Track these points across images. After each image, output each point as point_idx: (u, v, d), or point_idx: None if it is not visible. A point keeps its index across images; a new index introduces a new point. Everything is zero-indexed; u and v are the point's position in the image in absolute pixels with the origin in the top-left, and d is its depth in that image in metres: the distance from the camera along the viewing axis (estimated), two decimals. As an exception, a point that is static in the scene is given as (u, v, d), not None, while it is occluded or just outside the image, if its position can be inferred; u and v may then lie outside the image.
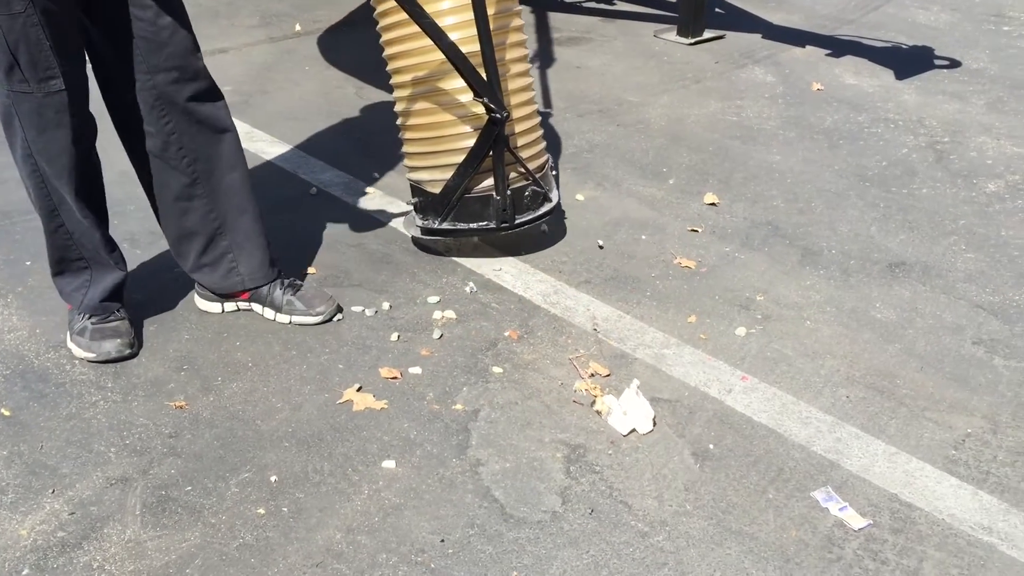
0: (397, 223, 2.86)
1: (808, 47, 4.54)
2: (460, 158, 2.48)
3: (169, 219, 2.34)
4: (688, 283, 2.59)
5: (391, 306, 2.47)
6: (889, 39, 4.64)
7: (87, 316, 2.24)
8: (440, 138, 2.51)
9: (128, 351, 2.23)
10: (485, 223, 2.56)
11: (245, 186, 2.32)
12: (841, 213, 2.96)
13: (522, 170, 2.55)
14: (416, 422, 2.05)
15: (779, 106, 3.84)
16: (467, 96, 2.41)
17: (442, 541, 1.75)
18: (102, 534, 1.75)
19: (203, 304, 2.44)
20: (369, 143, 3.44)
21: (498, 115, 2.36)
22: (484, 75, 2.34)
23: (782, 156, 3.37)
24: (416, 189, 2.61)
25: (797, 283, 2.59)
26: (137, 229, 2.82)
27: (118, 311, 2.28)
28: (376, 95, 3.87)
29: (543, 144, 2.69)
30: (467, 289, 2.54)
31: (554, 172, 2.76)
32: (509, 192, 2.53)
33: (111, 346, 2.21)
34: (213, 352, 2.27)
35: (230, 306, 2.43)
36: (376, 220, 2.90)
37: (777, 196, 3.08)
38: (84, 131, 2.11)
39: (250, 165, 2.39)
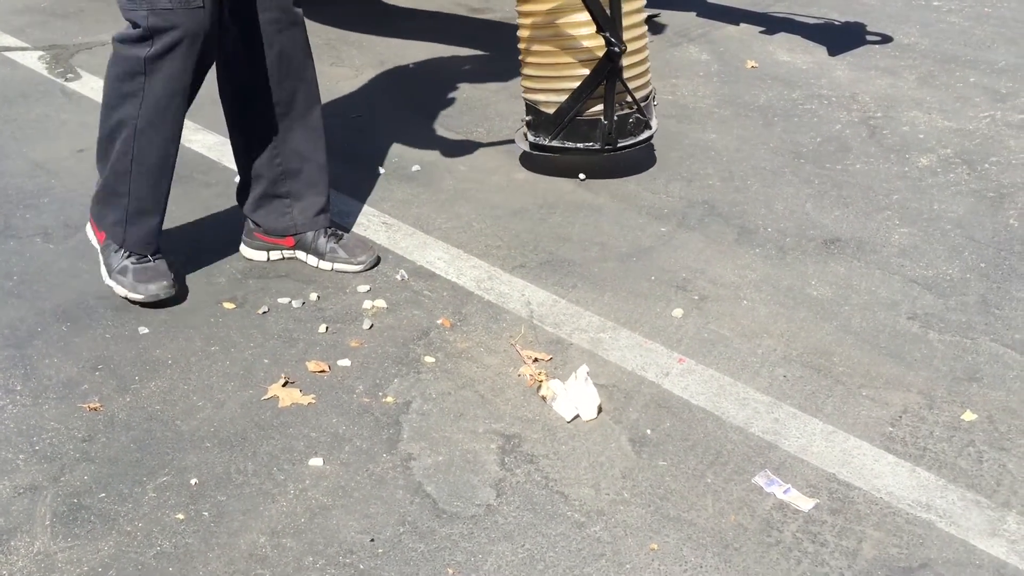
0: (516, 138, 3.04)
1: (742, 24, 4.52)
2: (575, 84, 2.76)
3: (243, 157, 2.46)
4: (624, 265, 2.54)
5: (319, 296, 2.38)
6: (822, 16, 4.64)
7: (126, 255, 2.29)
8: (560, 64, 2.79)
9: (173, 291, 2.30)
10: (591, 144, 2.85)
11: (315, 133, 2.44)
12: (777, 191, 2.94)
13: (629, 99, 2.81)
14: (345, 417, 1.98)
15: (714, 84, 3.81)
16: (590, 29, 2.67)
17: (372, 540, 1.68)
18: (9, 547, 1.64)
19: (248, 252, 2.54)
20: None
21: (616, 49, 2.61)
22: (608, 11, 2.61)
23: (717, 135, 3.35)
24: (531, 108, 2.90)
25: (733, 262, 2.56)
26: (51, 223, 2.68)
27: (158, 251, 2.35)
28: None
29: (649, 75, 2.95)
30: (398, 277, 2.47)
31: (656, 103, 3.02)
32: (616, 118, 2.80)
33: (156, 287, 2.28)
34: (131, 350, 2.17)
35: (275, 254, 2.53)
36: (304, 208, 2.80)
37: (713, 175, 3.05)
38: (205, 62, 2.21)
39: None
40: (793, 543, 1.68)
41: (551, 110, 2.84)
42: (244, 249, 2.55)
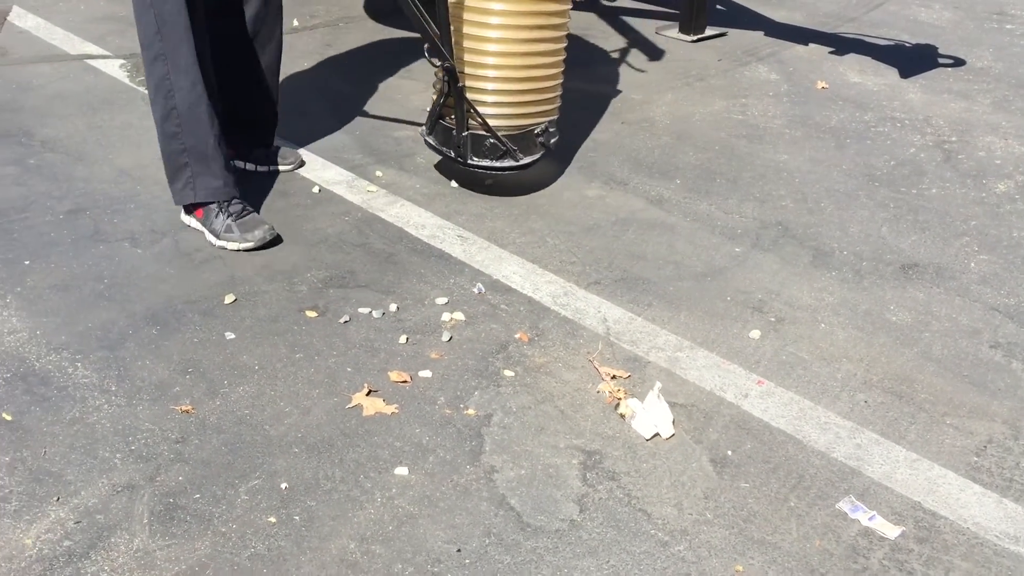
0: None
1: (811, 45, 4.51)
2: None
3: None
4: (699, 284, 2.55)
5: (398, 307, 2.42)
6: (892, 37, 4.61)
7: (226, 216, 2.63)
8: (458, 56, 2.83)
9: (276, 233, 2.66)
10: (448, 150, 2.92)
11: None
12: (851, 213, 2.93)
13: (481, 121, 2.82)
14: (428, 427, 2.01)
15: (784, 104, 3.80)
16: (483, 16, 2.73)
17: (458, 551, 1.71)
18: (109, 543, 1.70)
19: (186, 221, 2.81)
20: (370, 141, 3.39)
21: (447, 65, 2.70)
22: (436, 25, 2.65)
23: (789, 155, 3.34)
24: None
25: (810, 285, 2.55)
26: (138, 228, 2.76)
27: (242, 197, 2.70)
28: (378, 90, 3.82)
29: (533, 110, 2.88)
30: (475, 290, 2.50)
31: (543, 146, 2.94)
32: (467, 134, 2.83)
33: (262, 232, 2.61)
34: (219, 354, 2.22)
35: (192, 222, 2.76)
36: (380, 218, 2.85)
37: (786, 196, 3.04)
38: None
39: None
40: (880, 570, 1.67)
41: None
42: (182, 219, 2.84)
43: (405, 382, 2.15)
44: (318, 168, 3.17)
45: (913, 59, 4.31)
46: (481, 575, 1.66)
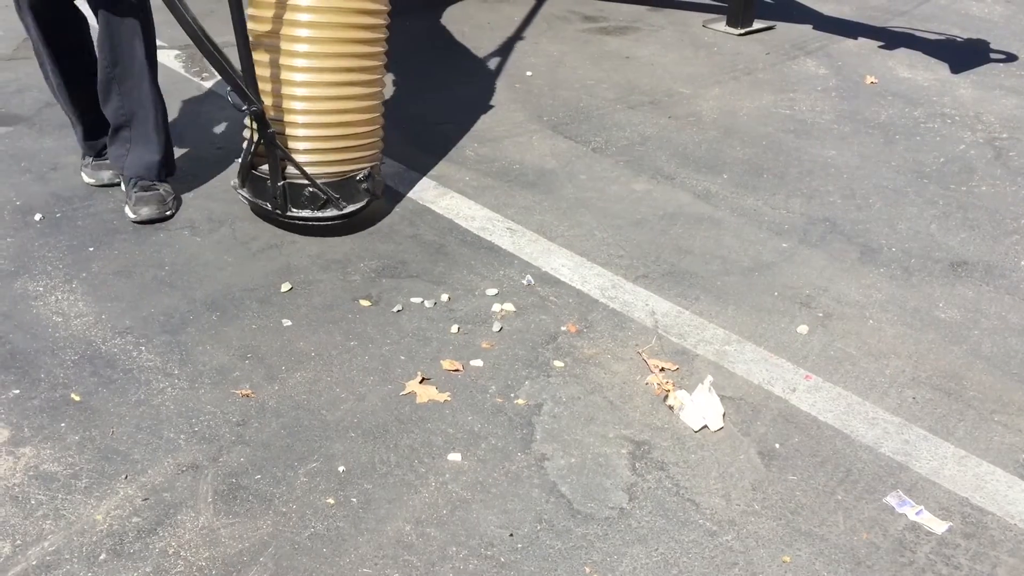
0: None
1: (860, 39, 4.49)
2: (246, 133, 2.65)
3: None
4: (746, 279, 2.57)
5: (450, 298, 2.47)
6: (942, 31, 4.57)
7: (134, 183, 2.83)
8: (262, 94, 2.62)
9: (163, 209, 2.81)
10: (265, 203, 2.69)
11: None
12: (900, 210, 2.93)
13: (299, 168, 2.59)
14: (480, 415, 2.06)
15: (832, 99, 3.79)
16: (290, 58, 2.53)
17: (511, 535, 1.75)
18: (176, 520, 1.77)
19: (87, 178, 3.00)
20: (421, 132, 3.44)
21: (254, 108, 2.46)
22: (239, 63, 2.44)
23: (837, 151, 3.34)
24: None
25: (857, 281, 2.56)
26: (197, 216, 2.84)
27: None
28: (426, 85, 3.87)
29: (353, 155, 2.66)
30: (524, 282, 2.54)
31: (369, 192, 2.70)
32: (283, 183, 2.61)
33: (148, 210, 2.78)
34: (276, 341, 2.28)
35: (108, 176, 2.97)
36: (430, 210, 2.90)
37: (834, 192, 3.05)
38: None
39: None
40: (927, 564, 1.69)
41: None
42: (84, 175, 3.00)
43: (457, 371, 2.20)
44: (369, 159, 3.22)
45: (964, 54, 4.27)
46: (533, 559, 1.70)
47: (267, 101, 2.56)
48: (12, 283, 2.47)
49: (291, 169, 2.61)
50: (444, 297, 2.47)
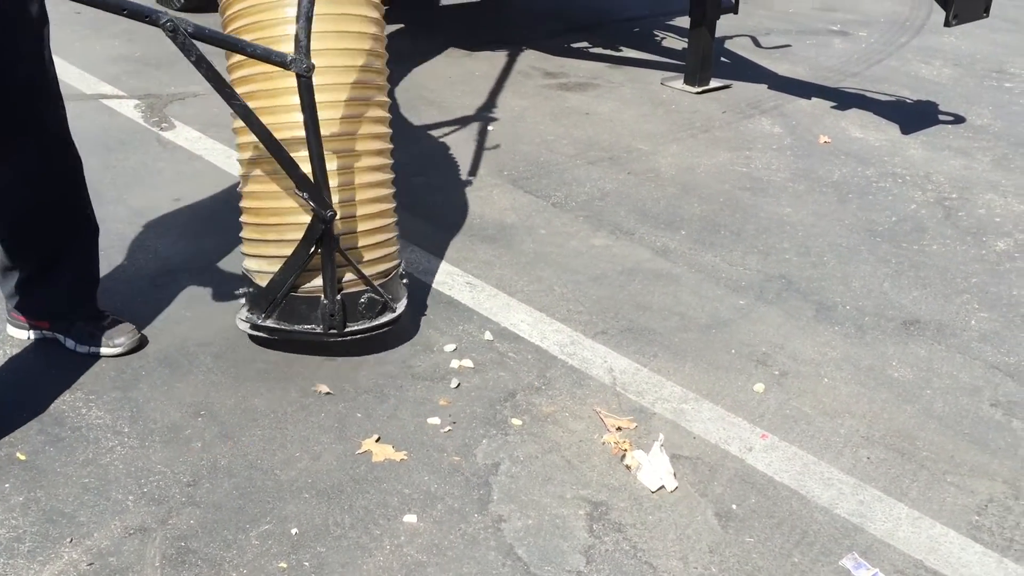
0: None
1: (814, 99, 4.60)
2: (288, 251, 2.22)
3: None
4: (704, 336, 2.59)
5: (408, 353, 2.46)
6: (893, 93, 4.70)
7: (84, 321, 2.36)
8: (269, 226, 2.26)
9: (141, 337, 2.42)
10: (311, 327, 2.31)
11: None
12: (854, 268, 2.98)
13: (358, 274, 2.29)
14: (436, 475, 2.04)
15: (787, 158, 3.87)
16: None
17: (466, 600, 1.73)
18: (121, 586, 1.72)
19: (12, 331, 2.44)
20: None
21: (321, 214, 2.13)
22: (310, 170, 2.10)
23: (792, 208, 3.40)
24: (245, 279, 2.36)
25: (813, 339, 2.59)
26: (153, 269, 2.80)
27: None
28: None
29: (394, 247, 2.43)
30: (484, 337, 2.53)
31: (404, 280, 2.50)
32: (340, 296, 2.28)
33: (124, 339, 2.37)
34: (230, 398, 2.25)
35: (35, 333, 2.43)
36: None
37: (789, 249, 3.09)
38: None
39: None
40: (883, 628, 1.69)
41: (263, 282, 2.30)
42: (9, 328, 2.43)
43: (414, 429, 2.17)
44: (329, 212, 3.22)
45: (914, 115, 4.39)
46: (489, 625, 1.68)
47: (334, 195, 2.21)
48: (-42, 336, 2.41)
49: (346, 275, 2.29)
50: (402, 353, 2.45)
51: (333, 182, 2.22)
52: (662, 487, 2.02)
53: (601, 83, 4.78)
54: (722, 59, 5.20)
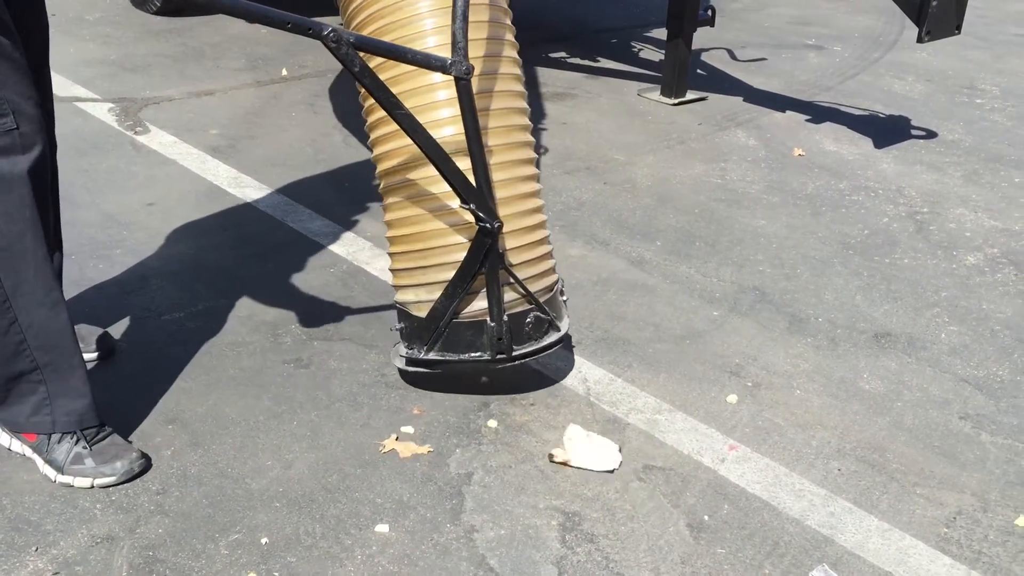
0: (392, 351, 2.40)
1: (788, 112, 4.63)
2: (449, 275, 2.12)
3: None
4: (678, 347, 2.60)
5: (382, 362, 2.44)
6: (866, 107, 4.75)
7: (73, 440, 1.94)
8: (426, 251, 2.15)
9: (145, 459, 1.99)
10: (478, 354, 2.19)
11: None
12: (826, 281, 3.00)
13: (522, 292, 2.17)
14: (409, 484, 2.03)
15: (762, 170, 3.90)
16: (456, 202, 2.06)
17: (438, 611, 1.72)
18: (87, 596, 1.69)
19: None
20: (357, 193, 3.43)
21: (489, 225, 2.03)
22: (472, 179, 2.01)
23: (767, 220, 3.42)
24: (401, 313, 2.24)
25: (786, 351, 2.61)
26: (125, 275, 2.77)
27: (102, 422, 2.00)
28: (364, 145, 3.88)
29: (552, 262, 2.29)
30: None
31: (564, 297, 2.37)
32: (506, 318, 2.18)
33: (127, 461, 1.95)
34: (201, 405, 2.23)
35: (16, 445, 2.02)
36: (365, 271, 2.88)
37: (763, 261, 3.11)
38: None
39: (237, 210, 2.37)
40: (852, 640, 1.70)
41: (423, 312, 2.18)
42: None
43: (387, 437, 2.16)
44: (303, 218, 3.20)
45: (887, 130, 4.43)
46: (460, 636, 1.67)
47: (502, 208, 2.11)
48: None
49: (509, 295, 2.16)
50: (376, 361, 2.44)
51: (501, 193, 2.13)
52: (612, 469, 2.08)
53: (578, 93, 4.79)
54: (698, 71, 5.23)
